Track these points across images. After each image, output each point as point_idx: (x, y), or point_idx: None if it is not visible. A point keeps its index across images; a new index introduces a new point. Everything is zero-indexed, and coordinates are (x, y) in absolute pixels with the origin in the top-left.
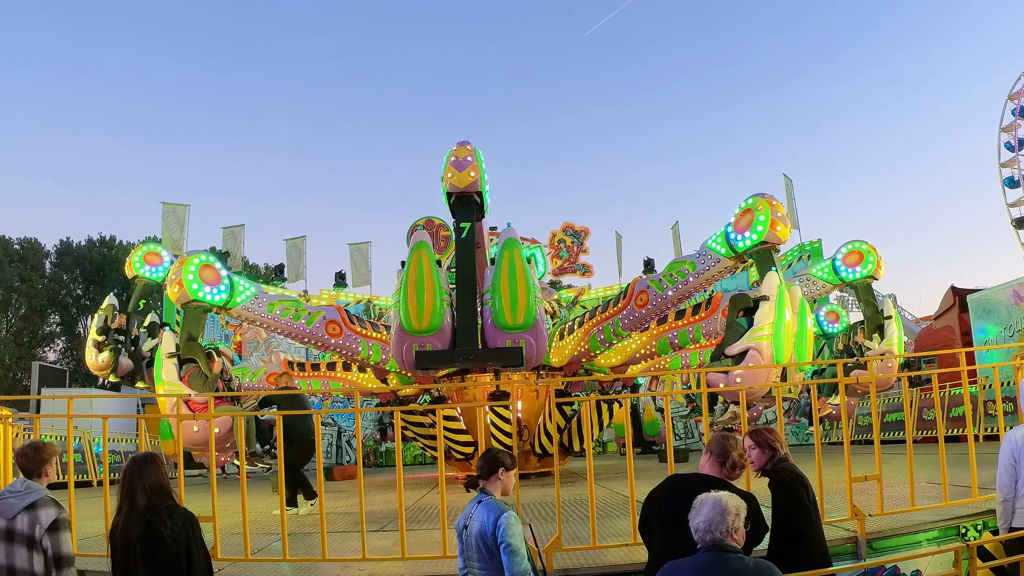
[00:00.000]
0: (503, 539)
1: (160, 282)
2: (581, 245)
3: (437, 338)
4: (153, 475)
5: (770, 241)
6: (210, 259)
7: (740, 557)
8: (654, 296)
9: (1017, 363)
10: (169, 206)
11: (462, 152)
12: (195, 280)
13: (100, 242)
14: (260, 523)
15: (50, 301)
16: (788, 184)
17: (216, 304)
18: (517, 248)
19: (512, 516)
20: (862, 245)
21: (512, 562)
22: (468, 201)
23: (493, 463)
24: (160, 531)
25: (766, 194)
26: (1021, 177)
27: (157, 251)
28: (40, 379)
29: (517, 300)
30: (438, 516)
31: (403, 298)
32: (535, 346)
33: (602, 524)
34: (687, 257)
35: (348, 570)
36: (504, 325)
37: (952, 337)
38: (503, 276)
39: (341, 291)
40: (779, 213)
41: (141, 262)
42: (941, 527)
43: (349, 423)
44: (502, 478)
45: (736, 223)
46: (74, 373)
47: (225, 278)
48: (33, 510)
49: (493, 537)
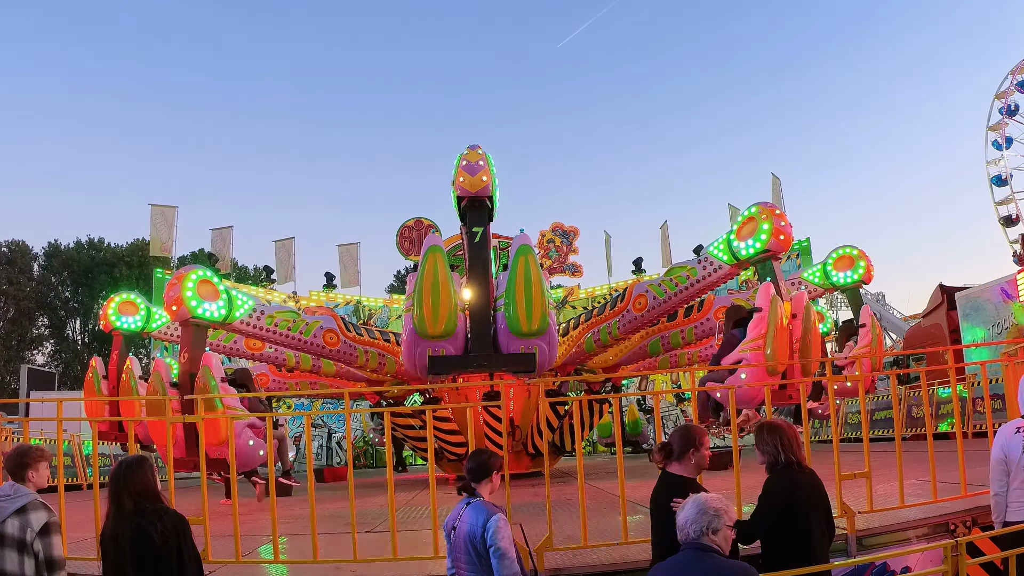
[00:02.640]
0: (492, 542)
1: (139, 332)
2: (570, 245)
3: (450, 343)
4: (139, 478)
5: (772, 250)
6: (207, 274)
7: (716, 557)
8: (653, 300)
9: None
10: (157, 208)
11: (474, 156)
12: (194, 297)
13: (89, 244)
14: (251, 525)
15: (38, 304)
16: (776, 183)
17: (216, 320)
18: (531, 254)
19: (501, 519)
20: (853, 250)
21: (501, 565)
22: (480, 205)
23: (484, 466)
24: (149, 534)
25: (769, 203)
26: (1009, 175)
27: (132, 300)
28: (29, 382)
29: (532, 306)
30: (429, 517)
31: (417, 302)
32: (548, 352)
33: (593, 523)
34: (687, 263)
35: (339, 571)
36: (518, 331)
37: (940, 335)
38: (518, 282)
39: (330, 292)
40: (782, 223)
41: (117, 314)
42: (930, 524)
43: (340, 424)
44: (493, 480)
45: (739, 231)
46: (63, 376)
47: (223, 292)
48: (23, 514)
49: (482, 540)
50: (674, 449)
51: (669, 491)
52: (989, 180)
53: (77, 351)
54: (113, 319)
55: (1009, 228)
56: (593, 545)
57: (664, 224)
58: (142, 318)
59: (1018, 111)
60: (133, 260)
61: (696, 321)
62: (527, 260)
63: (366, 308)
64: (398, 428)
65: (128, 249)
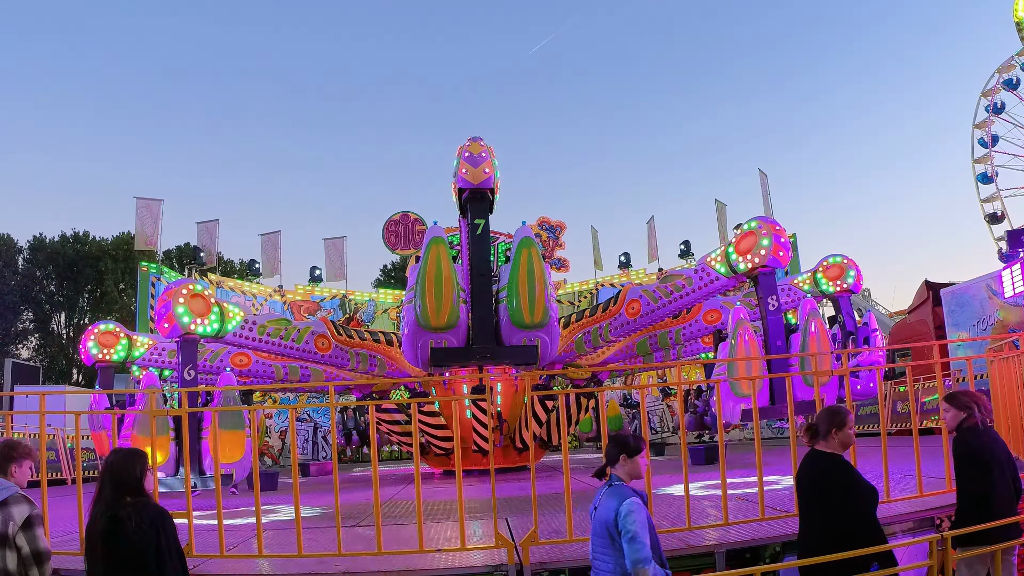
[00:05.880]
0: (623, 526)
1: (122, 361)
2: (557, 240)
3: (453, 335)
4: (125, 470)
5: (771, 266)
6: (198, 287)
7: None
8: (647, 306)
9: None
10: (143, 201)
11: (476, 147)
12: (185, 313)
13: (74, 238)
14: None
15: (23, 297)
16: (763, 178)
17: (208, 335)
18: (534, 247)
19: (635, 503)
20: (842, 259)
21: (631, 549)
22: (482, 197)
23: (616, 448)
24: (124, 527)
25: (769, 218)
26: (994, 173)
27: (110, 330)
28: (13, 376)
29: (535, 299)
30: (414, 511)
31: (420, 294)
32: (549, 344)
33: (579, 517)
34: (684, 272)
35: (323, 565)
36: (521, 323)
37: (926, 331)
38: (521, 275)
39: (316, 286)
40: (782, 239)
41: (97, 347)
42: (916, 518)
43: (326, 419)
44: (626, 464)
45: (738, 244)
46: (47, 370)
47: (215, 305)
48: (5, 507)
49: (615, 523)
50: (820, 429)
51: (816, 467)
52: (975, 178)
53: (62, 345)
54: (94, 351)
55: (994, 225)
56: (578, 539)
57: (651, 219)
58: (124, 347)
59: (1004, 109)
60: (119, 254)
61: (685, 323)
62: (530, 253)
63: (352, 302)
64: (384, 423)
65: (113, 243)
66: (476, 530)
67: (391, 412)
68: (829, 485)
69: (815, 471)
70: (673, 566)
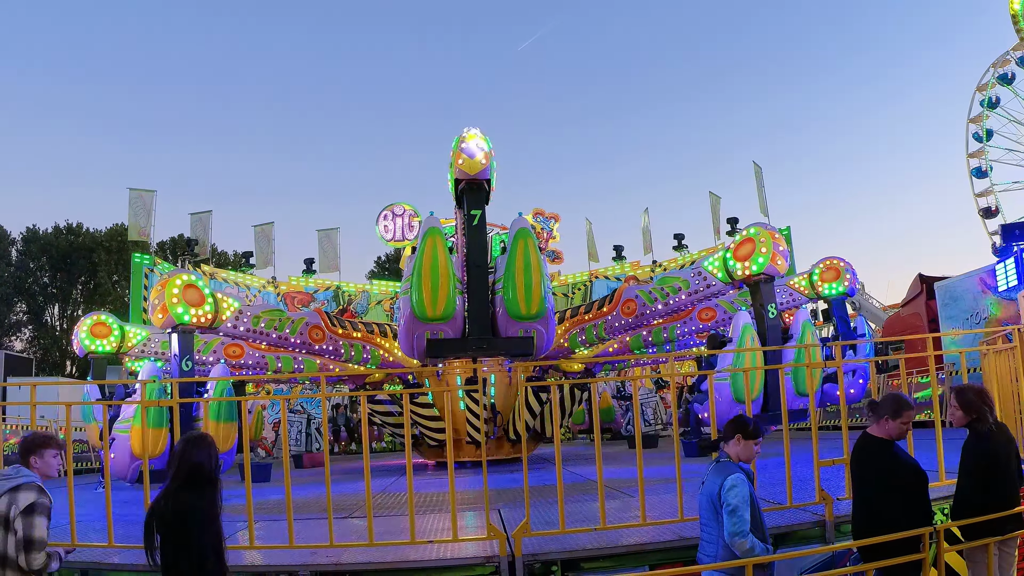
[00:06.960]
0: (725, 499)
1: (113, 353)
2: (551, 232)
3: (449, 326)
4: (189, 455)
5: (769, 273)
6: (191, 278)
7: None
8: (642, 307)
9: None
10: (136, 192)
11: (472, 137)
12: (180, 304)
13: (67, 229)
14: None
15: (16, 289)
16: (757, 171)
17: (203, 325)
18: (530, 238)
19: (738, 478)
20: (839, 262)
21: (730, 521)
22: (479, 188)
23: (733, 428)
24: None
25: (769, 225)
26: (988, 167)
27: (103, 321)
28: (6, 368)
29: (531, 290)
30: (406, 503)
31: (416, 285)
32: (545, 336)
33: (571, 508)
34: (681, 274)
35: (315, 556)
36: (517, 315)
37: (919, 324)
38: (517, 266)
39: (310, 278)
40: (780, 247)
41: (90, 338)
42: None
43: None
44: (739, 444)
45: (736, 250)
46: (41, 362)
47: (209, 296)
48: (14, 492)
49: (718, 496)
50: (879, 409)
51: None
52: (969, 172)
53: (55, 337)
54: (86, 343)
55: (988, 220)
56: (570, 531)
57: (645, 211)
58: (116, 338)
59: (999, 104)
60: (112, 245)
61: (679, 320)
62: (526, 244)
63: (345, 293)
64: (377, 415)
65: (107, 234)
66: (468, 521)
67: (384, 403)
68: (871, 469)
69: (862, 454)
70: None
